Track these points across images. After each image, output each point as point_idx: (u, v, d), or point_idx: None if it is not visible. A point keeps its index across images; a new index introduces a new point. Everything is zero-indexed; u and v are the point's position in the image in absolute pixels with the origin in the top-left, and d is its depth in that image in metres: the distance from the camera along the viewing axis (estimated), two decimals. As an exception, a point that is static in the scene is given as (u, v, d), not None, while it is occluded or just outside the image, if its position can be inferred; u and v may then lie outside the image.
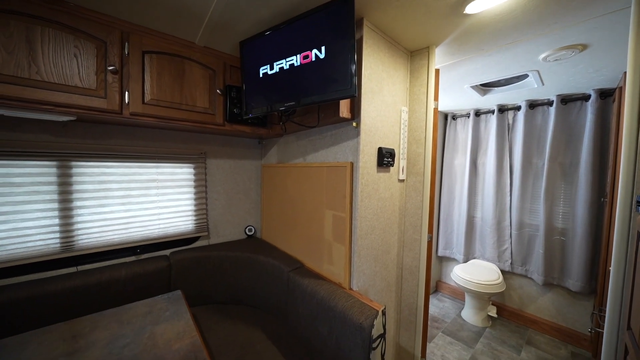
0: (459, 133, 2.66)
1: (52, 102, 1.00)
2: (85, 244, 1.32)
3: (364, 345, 0.91)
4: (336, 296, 1.07)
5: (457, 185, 2.67)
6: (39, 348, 0.84)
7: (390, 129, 1.29)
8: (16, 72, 0.94)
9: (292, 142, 1.59)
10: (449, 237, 2.73)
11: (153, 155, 1.49)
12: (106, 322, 0.98)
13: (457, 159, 2.67)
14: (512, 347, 1.99)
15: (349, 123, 1.18)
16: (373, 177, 1.20)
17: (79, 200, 1.30)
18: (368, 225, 1.19)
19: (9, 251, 1.15)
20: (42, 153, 1.20)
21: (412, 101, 1.41)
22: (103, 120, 1.25)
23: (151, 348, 0.85)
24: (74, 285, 1.19)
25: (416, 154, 1.40)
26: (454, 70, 1.64)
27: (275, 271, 1.44)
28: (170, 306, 1.09)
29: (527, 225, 2.23)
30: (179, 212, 1.60)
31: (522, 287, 2.30)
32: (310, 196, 1.39)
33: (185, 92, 1.30)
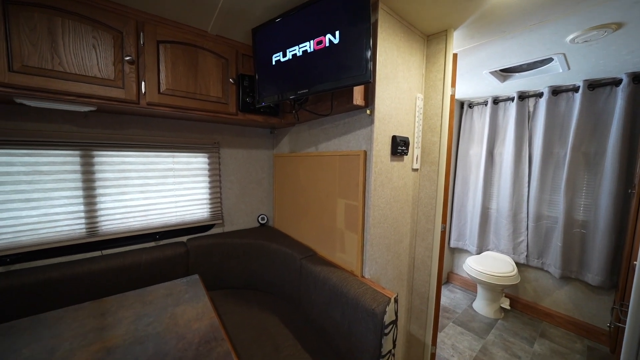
0: (476, 122, 2.57)
1: (74, 92, 1.04)
2: (108, 230, 1.39)
3: (376, 330, 0.92)
4: (348, 283, 1.09)
5: (471, 176, 2.60)
6: (73, 323, 0.90)
7: (404, 117, 1.26)
8: (40, 64, 0.97)
9: (304, 132, 1.58)
10: (462, 229, 2.69)
11: (169, 145, 1.52)
12: (130, 302, 1.04)
13: (473, 149, 2.59)
14: (524, 339, 1.97)
15: (362, 111, 1.16)
16: (386, 166, 1.18)
17: (101, 188, 1.36)
18: (381, 214, 1.18)
19: (41, 235, 1.23)
20: (66, 143, 1.26)
21: (428, 88, 1.37)
22: (121, 111, 1.29)
23: (173, 327, 0.89)
24: (100, 268, 1.26)
25: (431, 142, 1.36)
26: (472, 55, 1.57)
27: (287, 258, 1.47)
28: (189, 289, 1.14)
29: (545, 217, 2.15)
30: (195, 200, 1.64)
31: (537, 280, 2.25)
32: (322, 185, 1.39)
33: (199, 81, 1.31)
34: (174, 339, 0.83)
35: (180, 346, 0.80)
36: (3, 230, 1.15)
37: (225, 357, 0.76)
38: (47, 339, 0.83)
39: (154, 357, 0.76)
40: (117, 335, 0.85)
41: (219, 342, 0.82)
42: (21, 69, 0.94)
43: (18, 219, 1.18)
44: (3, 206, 1.15)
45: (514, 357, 1.78)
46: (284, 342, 1.16)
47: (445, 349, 1.85)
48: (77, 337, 0.84)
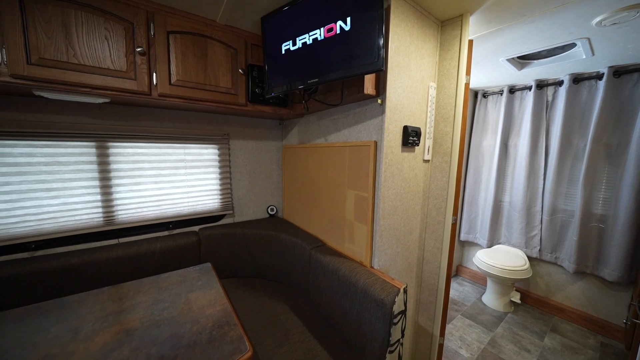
0: (490, 112, 2.48)
1: (89, 84, 1.06)
2: (124, 219, 1.44)
3: (385, 320, 0.93)
4: (357, 273, 1.10)
5: (484, 168, 2.54)
6: (94, 306, 0.95)
7: (416, 107, 1.23)
8: (56, 56, 0.99)
9: (314, 122, 1.57)
10: (472, 222, 2.64)
11: (180, 136, 1.54)
12: (146, 288, 1.08)
13: (486, 140, 2.51)
14: (534, 333, 1.95)
15: (373, 100, 1.14)
16: (397, 157, 1.17)
17: (116, 178, 1.40)
18: (391, 206, 1.18)
19: (62, 223, 1.29)
20: (82, 134, 1.29)
21: (441, 76, 1.32)
22: (134, 102, 1.31)
23: (187, 312, 0.93)
24: (117, 255, 1.31)
25: (443, 133, 1.33)
26: (489, 42, 1.50)
27: (297, 249, 1.49)
28: (201, 276, 1.17)
29: (560, 211, 2.09)
30: (206, 191, 1.67)
31: (550, 274, 2.21)
32: (331, 176, 1.39)
33: (209, 72, 1.31)
34: (189, 323, 0.86)
35: (195, 330, 0.83)
36: (27, 218, 1.21)
37: (238, 341, 0.79)
38: (71, 320, 0.87)
39: (170, 340, 0.79)
40: (135, 319, 0.89)
41: (231, 327, 0.85)
42: (38, 61, 0.97)
43: (40, 207, 1.23)
44: (26, 195, 1.20)
45: (524, 351, 1.77)
46: (294, 329, 1.19)
47: (453, 340, 1.85)
48: (99, 319, 0.88)
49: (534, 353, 1.75)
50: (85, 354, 0.73)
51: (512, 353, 1.75)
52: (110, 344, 0.77)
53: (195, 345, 0.77)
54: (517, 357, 1.71)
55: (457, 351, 1.75)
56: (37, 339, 0.78)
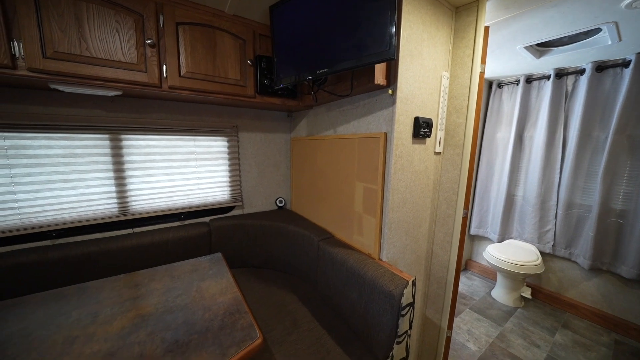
0: (505, 103, 2.40)
1: (101, 77, 1.07)
2: (138, 209, 1.48)
3: (393, 311, 0.93)
4: (366, 265, 1.10)
5: (497, 161, 2.47)
6: (112, 292, 0.99)
7: (428, 97, 1.20)
8: (70, 50, 1.01)
9: (322, 114, 1.56)
10: (483, 216, 2.59)
11: (190, 128, 1.56)
12: (160, 276, 1.12)
13: (500, 132, 2.44)
14: (545, 328, 1.93)
15: (383, 91, 1.11)
16: (408, 149, 1.14)
17: (129, 170, 1.43)
18: (400, 199, 1.16)
19: (80, 213, 1.34)
20: (96, 127, 1.32)
21: (455, 65, 1.28)
22: (145, 95, 1.32)
23: (199, 299, 0.96)
24: (132, 244, 1.36)
25: (456, 124, 1.29)
26: (506, 28, 1.44)
27: (305, 240, 1.50)
28: (212, 266, 1.20)
29: (577, 206, 2.02)
30: (215, 182, 1.70)
31: (563, 270, 2.15)
32: (340, 168, 1.38)
33: (218, 63, 1.31)
34: (201, 310, 0.89)
35: (207, 317, 0.86)
36: (47, 207, 1.26)
37: (249, 328, 0.81)
38: (91, 304, 0.92)
39: (184, 325, 0.82)
40: (150, 305, 0.92)
41: (242, 315, 0.87)
42: (53, 55, 0.98)
43: (59, 198, 1.28)
44: (46, 186, 1.25)
45: (533, 346, 1.75)
46: (302, 318, 1.22)
47: (460, 333, 1.85)
48: (116, 305, 0.92)
49: (544, 348, 1.73)
50: (105, 336, 0.77)
51: (522, 348, 1.73)
52: (128, 327, 0.81)
53: (207, 331, 0.80)
54: (526, 351, 1.70)
55: (465, 344, 1.75)
56: (60, 321, 0.83)
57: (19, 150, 1.18)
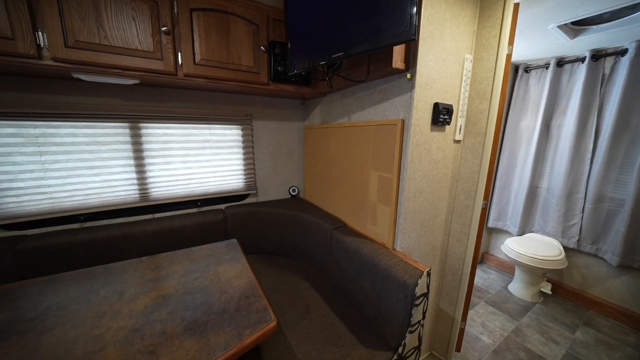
0: (531, 88, 2.24)
1: (119, 65, 1.09)
2: (157, 196, 1.53)
3: (407, 301, 0.93)
4: (379, 254, 1.09)
5: (520, 151, 2.34)
6: (135, 273, 1.04)
7: (449, 82, 1.14)
8: (89, 39, 1.03)
9: (337, 101, 1.52)
10: (503, 208, 2.49)
11: (205, 117, 1.58)
12: (179, 260, 1.16)
13: (525, 120, 2.30)
14: (565, 325, 1.86)
15: (401, 75, 1.06)
16: (426, 137, 1.10)
17: (149, 157, 1.48)
18: (416, 188, 1.13)
19: (104, 199, 1.40)
20: (116, 115, 1.36)
21: (479, 47, 1.20)
22: (161, 83, 1.34)
23: (216, 282, 0.99)
24: (152, 229, 1.42)
25: (478, 110, 1.22)
26: (537, 6, 1.32)
27: (318, 229, 1.51)
28: (228, 251, 1.24)
29: (607, 199, 1.89)
30: (230, 171, 1.73)
31: (587, 266, 2.05)
32: (354, 157, 1.36)
33: (231, 50, 1.30)
34: (218, 293, 0.92)
35: (224, 299, 0.89)
36: (75, 193, 1.33)
37: (263, 311, 0.83)
38: (117, 284, 0.97)
39: (202, 306, 0.86)
40: (171, 286, 0.96)
41: (256, 298, 0.89)
42: (74, 44, 1.01)
43: (85, 184, 1.35)
44: (72, 172, 1.31)
45: (551, 342, 1.70)
46: (315, 305, 1.24)
47: (474, 326, 1.83)
48: (139, 285, 0.97)
49: (563, 345, 1.68)
50: (130, 313, 0.82)
51: (539, 343, 1.69)
52: (150, 306, 0.85)
53: (224, 312, 0.83)
54: (543, 347, 1.65)
55: (479, 337, 1.73)
56: (90, 298, 0.89)
57: (47, 139, 1.24)
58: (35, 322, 0.77)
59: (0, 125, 1.15)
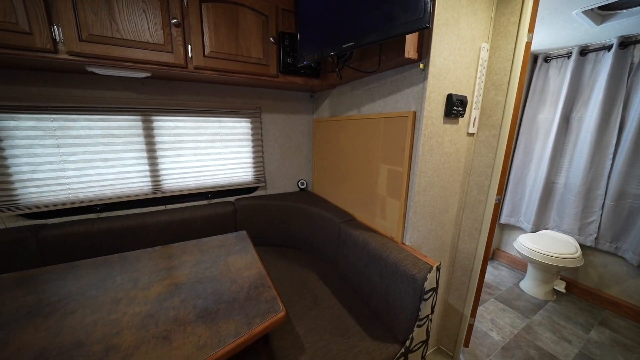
0: (551, 79, 2.14)
1: (131, 58, 1.10)
2: (169, 188, 1.57)
3: (415, 295, 0.92)
4: (388, 248, 1.08)
5: (537, 145, 2.25)
6: (149, 262, 1.08)
7: (464, 72, 1.09)
8: (102, 32, 1.04)
9: (346, 93, 1.50)
10: (517, 204, 2.42)
11: (215, 110, 1.59)
12: (191, 250, 1.19)
13: (543, 113, 2.20)
14: (579, 324, 1.81)
15: (414, 65, 1.03)
16: (438, 129, 1.07)
17: (160, 150, 1.51)
18: (427, 182, 1.11)
19: (118, 190, 1.45)
20: (129, 109, 1.39)
21: (497, 35, 1.14)
22: (171, 76, 1.35)
23: (226, 272, 1.01)
24: (165, 219, 1.45)
25: (493, 102, 1.18)
26: (563, -11, 1.24)
27: (327, 222, 1.51)
28: (238, 243, 1.26)
29: (630, 196, 1.80)
30: (240, 163, 1.74)
31: (605, 265, 1.98)
32: (364, 150, 1.34)
33: (240, 42, 1.29)
34: (228, 282, 0.95)
35: (234, 288, 0.91)
36: (91, 184, 1.38)
37: (272, 301, 0.85)
38: (132, 272, 1.01)
39: (213, 295, 0.88)
40: (183, 275, 0.99)
41: (265, 289, 0.91)
42: (88, 37, 1.02)
43: (101, 175, 1.39)
44: (89, 164, 1.35)
45: (564, 341, 1.66)
46: (323, 296, 1.25)
47: (483, 322, 1.80)
48: (153, 273, 1.00)
49: (576, 344, 1.64)
50: (145, 300, 0.85)
51: (550, 342, 1.65)
52: (164, 294, 0.88)
53: (234, 301, 0.85)
54: (555, 345, 1.62)
55: (488, 333, 1.71)
56: (107, 285, 0.92)
57: (65, 131, 1.28)
58: (58, 305, 0.81)
59: (22, 118, 1.20)
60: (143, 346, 0.67)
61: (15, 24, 0.92)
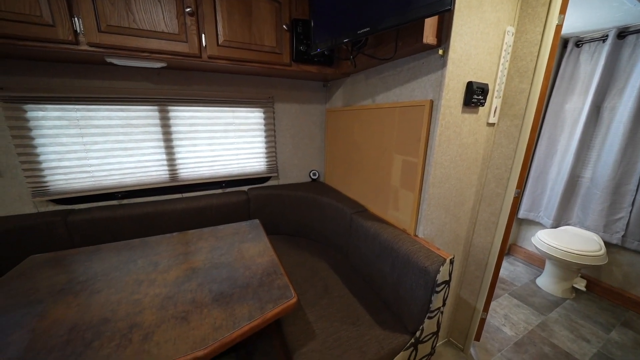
0: (582, 65, 1.99)
1: (147, 49, 1.12)
2: (185, 176, 1.61)
3: (427, 287, 0.92)
4: (400, 240, 1.08)
5: (562, 136, 2.13)
6: (168, 247, 1.13)
7: (486, 58, 1.04)
8: (119, 22, 1.06)
9: (360, 82, 1.46)
10: (537, 198, 2.32)
11: (229, 100, 1.60)
12: (206, 237, 1.24)
13: (571, 102, 2.06)
14: (599, 324, 1.75)
15: (432, 52, 0.98)
16: (456, 119, 1.03)
17: (177, 140, 1.54)
18: (443, 173, 1.08)
19: (138, 178, 1.50)
20: (146, 99, 1.42)
21: (524, 17, 1.06)
22: (186, 66, 1.37)
23: (240, 259, 1.04)
24: (182, 207, 1.51)
25: (517, 90, 1.11)
26: (601, -37, 1.13)
27: (338, 212, 1.51)
28: (251, 231, 1.29)
29: (665, 191, 1.68)
30: (253, 154, 1.76)
31: (632, 264, 1.88)
32: (377, 140, 1.31)
33: (254, 30, 1.28)
34: (242, 268, 0.97)
35: (247, 274, 0.94)
36: (112, 172, 1.44)
37: (284, 288, 0.87)
38: (152, 255, 1.06)
39: (228, 280, 0.91)
40: (199, 260, 1.03)
41: (278, 276, 0.93)
42: (106, 28, 1.04)
43: (121, 164, 1.45)
44: (110, 153, 1.41)
45: (581, 339, 1.61)
46: (334, 285, 1.27)
47: (496, 317, 1.78)
48: (172, 258, 1.05)
49: (595, 344, 1.58)
50: (164, 282, 0.89)
51: (567, 340, 1.61)
52: (181, 277, 0.92)
53: (248, 286, 0.87)
54: (572, 344, 1.58)
55: (500, 328, 1.68)
56: (129, 267, 0.98)
57: (87, 121, 1.33)
58: (86, 285, 0.87)
59: (48, 109, 1.26)
60: (163, 325, 0.71)
61: (39, 16, 0.95)
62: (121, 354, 0.63)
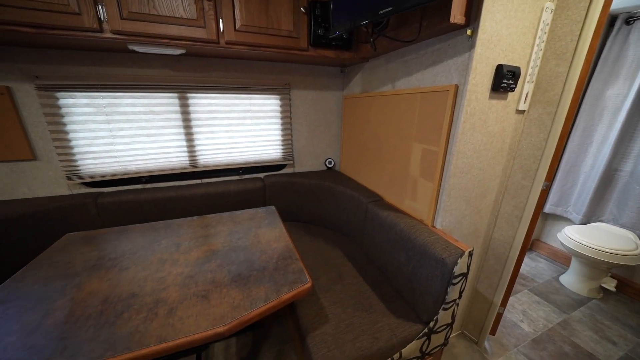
0: (631, 46, 1.79)
1: (167, 35, 1.13)
2: (204, 163, 1.66)
3: (444, 278, 0.90)
4: (417, 230, 1.05)
5: (600, 125, 1.96)
6: (188, 229, 1.18)
7: (519, 38, 0.95)
8: (140, 9, 1.07)
9: (380, 67, 1.40)
10: (566, 192, 2.18)
11: (246, 86, 1.60)
12: (225, 221, 1.28)
13: (614, 88, 1.88)
14: (628, 326, 1.65)
15: (460, 32, 0.92)
16: (482, 105, 0.97)
17: (196, 126, 1.58)
18: (465, 163, 1.03)
19: (160, 163, 1.57)
20: (167, 86, 1.45)
21: (566, -9, 0.96)
22: (204, 53, 1.37)
23: (257, 244, 1.07)
24: (201, 192, 1.56)
25: (553, 74, 1.02)
26: None
27: (353, 201, 1.50)
28: (267, 216, 1.31)
29: None
30: (269, 141, 1.77)
31: (671, 265, 1.74)
32: (396, 128, 1.27)
33: (271, 13, 1.25)
34: (258, 252, 1.00)
35: (264, 258, 0.97)
36: (137, 157, 1.51)
37: (299, 272, 0.88)
38: (174, 237, 1.11)
39: (245, 262, 0.94)
40: (218, 243, 1.07)
41: (293, 261, 0.95)
42: (128, 15, 1.06)
43: (145, 150, 1.51)
44: (134, 139, 1.47)
45: (606, 341, 1.54)
46: (347, 272, 1.28)
47: (514, 313, 1.73)
48: (192, 240, 1.10)
49: (622, 347, 1.51)
50: (186, 262, 0.94)
51: (590, 340, 1.54)
52: (202, 258, 0.96)
53: (264, 269, 0.90)
54: (595, 345, 1.51)
55: (517, 324, 1.64)
56: (154, 247, 1.03)
57: (113, 108, 1.39)
58: (116, 262, 0.94)
59: (78, 96, 1.32)
60: (186, 302, 0.75)
61: (66, 5, 0.98)
62: (148, 325, 0.67)
